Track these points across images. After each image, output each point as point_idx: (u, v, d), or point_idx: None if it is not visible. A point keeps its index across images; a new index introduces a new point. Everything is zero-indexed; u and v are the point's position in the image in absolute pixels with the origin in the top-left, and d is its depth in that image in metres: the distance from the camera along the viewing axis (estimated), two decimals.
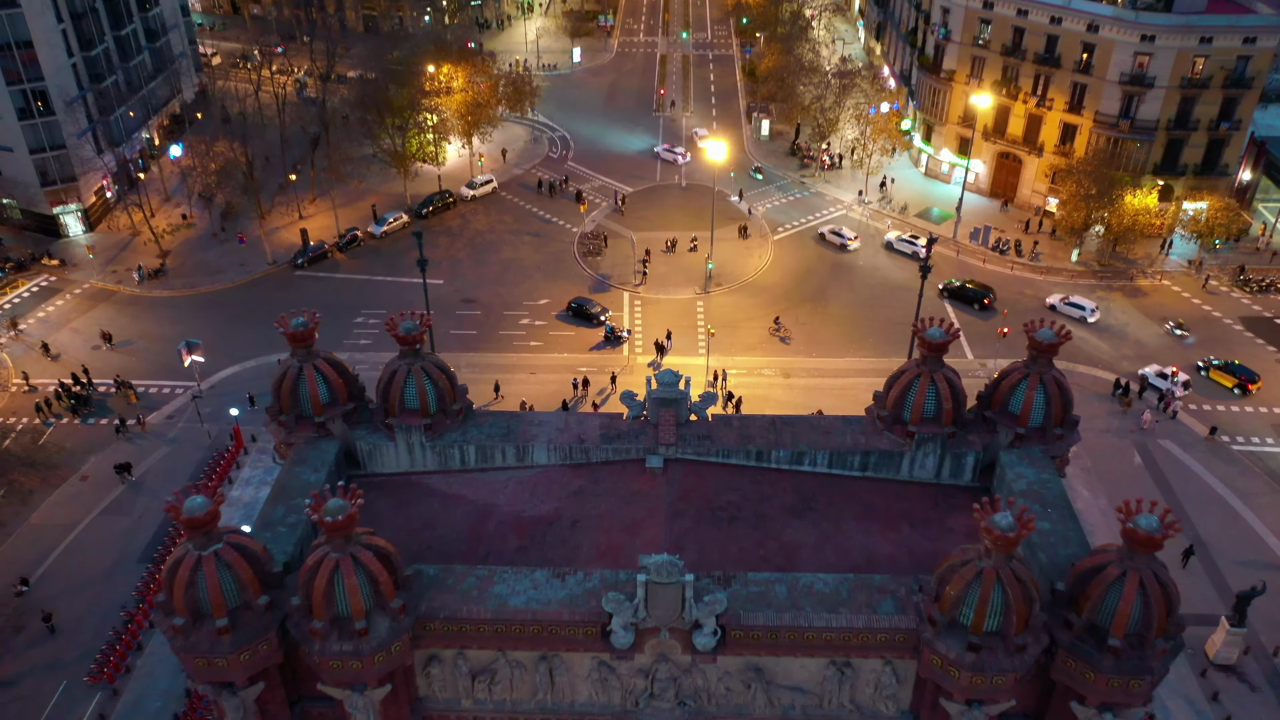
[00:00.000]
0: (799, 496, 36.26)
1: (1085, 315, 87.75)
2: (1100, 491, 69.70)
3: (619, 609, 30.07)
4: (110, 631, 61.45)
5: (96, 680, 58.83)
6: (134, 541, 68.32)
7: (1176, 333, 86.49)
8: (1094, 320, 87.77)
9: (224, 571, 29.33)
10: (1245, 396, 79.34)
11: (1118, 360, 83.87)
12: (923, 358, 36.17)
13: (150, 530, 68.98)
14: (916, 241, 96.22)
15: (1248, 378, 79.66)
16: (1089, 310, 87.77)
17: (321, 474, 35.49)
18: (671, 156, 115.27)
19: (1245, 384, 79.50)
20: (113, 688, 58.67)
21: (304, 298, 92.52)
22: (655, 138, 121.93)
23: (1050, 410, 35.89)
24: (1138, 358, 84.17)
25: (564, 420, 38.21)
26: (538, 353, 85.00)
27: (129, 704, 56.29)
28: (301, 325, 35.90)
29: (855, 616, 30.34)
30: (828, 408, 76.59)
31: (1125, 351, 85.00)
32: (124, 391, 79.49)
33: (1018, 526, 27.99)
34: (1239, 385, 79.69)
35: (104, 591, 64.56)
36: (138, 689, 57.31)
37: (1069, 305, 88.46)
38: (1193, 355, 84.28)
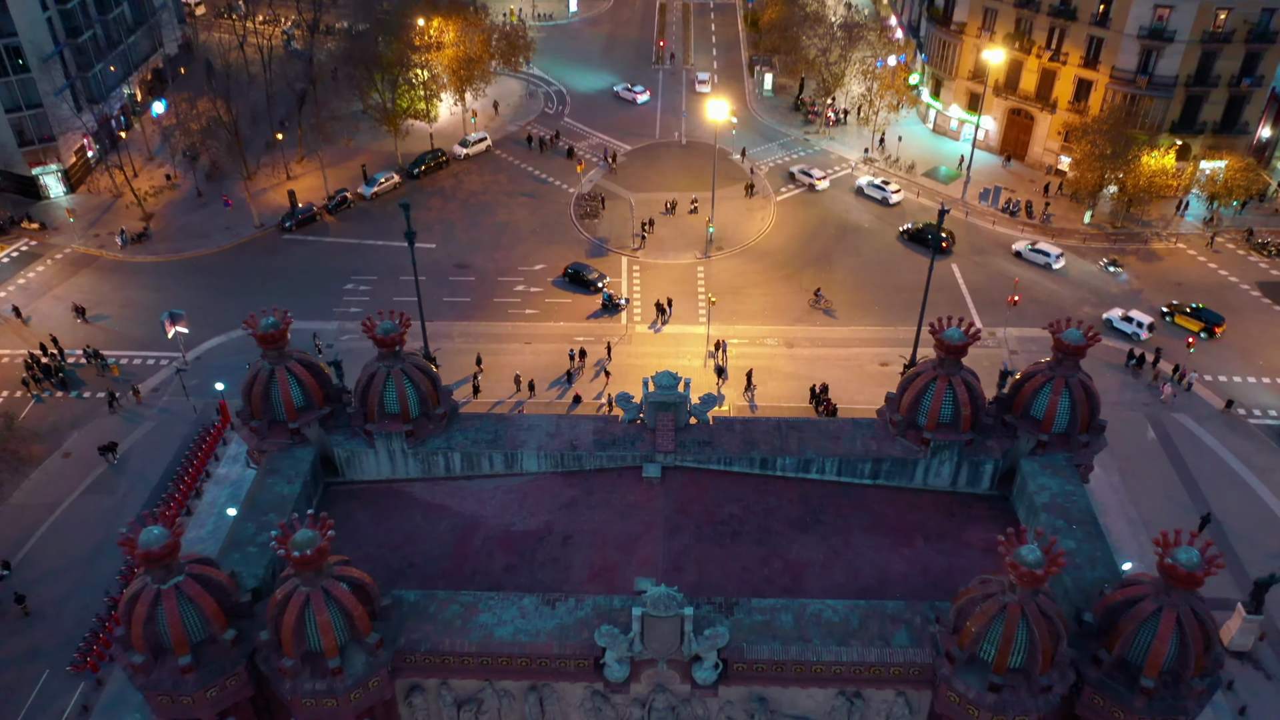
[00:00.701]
0: (806, 508, 34.00)
1: (1050, 262, 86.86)
2: (1113, 468, 67.66)
3: (613, 643, 27.96)
4: (94, 618, 59.65)
5: (79, 669, 57.13)
6: (118, 521, 66.03)
7: (1110, 270, 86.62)
8: (1058, 267, 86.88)
9: (186, 606, 27.16)
10: (1211, 339, 78.66)
11: (1077, 305, 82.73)
12: (940, 359, 33.66)
13: (134, 510, 66.75)
14: (887, 188, 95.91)
15: (1213, 321, 78.90)
16: (1054, 257, 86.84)
17: (296, 485, 33.21)
18: (630, 95, 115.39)
19: (1211, 328, 78.76)
20: (96, 677, 57.00)
21: (292, 263, 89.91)
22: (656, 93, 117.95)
23: (1076, 416, 33.49)
24: (1098, 303, 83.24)
25: (555, 424, 35.81)
26: (533, 321, 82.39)
27: (113, 694, 54.55)
28: (272, 326, 33.38)
29: (867, 650, 28.24)
30: (832, 379, 74.46)
31: (1085, 295, 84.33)
32: (94, 363, 76.87)
33: (1046, 563, 25.71)
34: (1205, 329, 78.98)
35: (87, 575, 62.66)
36: (122, 678, 55.50)
37: (1034, 252, 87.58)
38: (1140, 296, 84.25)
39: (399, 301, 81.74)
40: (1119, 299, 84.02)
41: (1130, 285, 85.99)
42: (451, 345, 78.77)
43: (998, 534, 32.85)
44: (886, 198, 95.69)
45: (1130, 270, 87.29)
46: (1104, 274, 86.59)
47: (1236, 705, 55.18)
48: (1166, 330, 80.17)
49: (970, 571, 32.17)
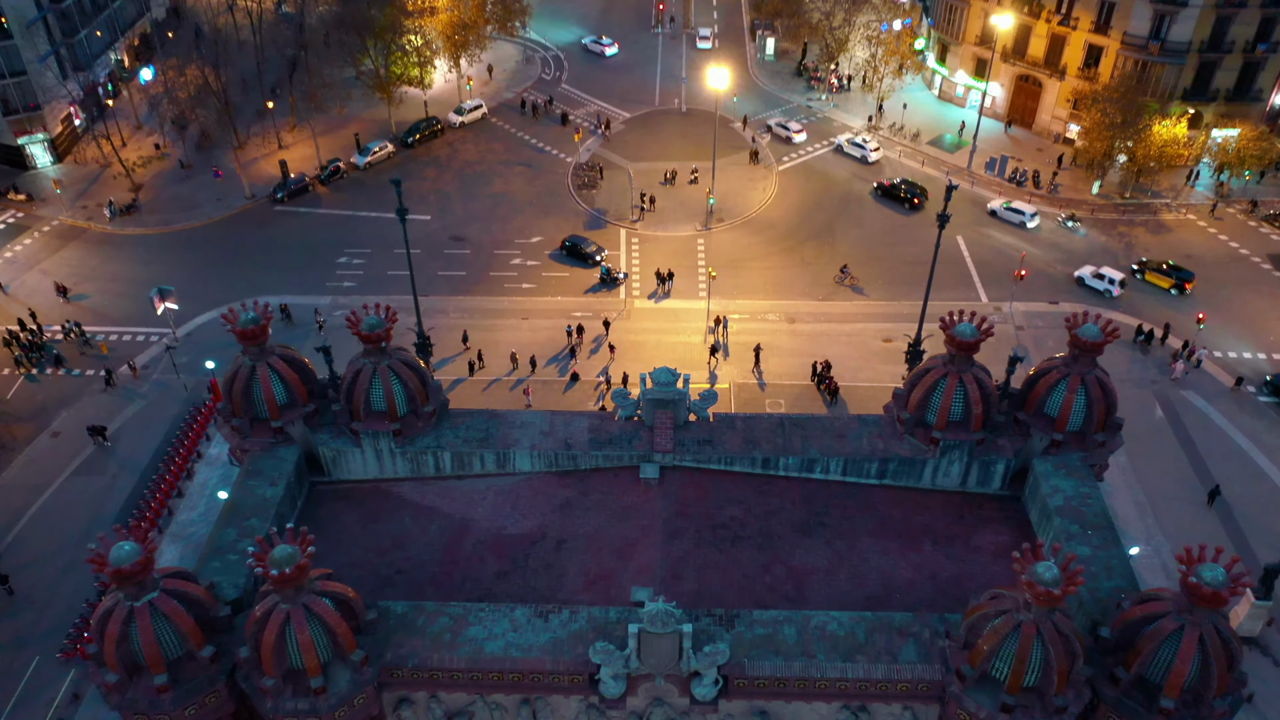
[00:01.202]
0: (809, 510, 32.70)
1: (1024, 220, 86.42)
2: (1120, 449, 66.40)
3: (608, 660, 26.78)
4: (84, 604, 58.64)
5: (70, 656, 56.21)
6: (108, 503, 65.14)
7: (1068, 225, 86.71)
8: (1032, 226, 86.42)
9: (160, 623, 25.96)
10: (1182, 296, 78.46)
11: (1051, 265, 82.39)
12: (950, 356, 32.20)
13: (125, 491, 65.78)
14: (866, 145, 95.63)
15: (1183, 278, 78.81)
16: (1028, 216, 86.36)
17: (279, 488, 31.90)
18: (598, 49, 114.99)
19: (1182, 284, 78.68)
20: (87, 664, 55.99)
21: (284, 235, 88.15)
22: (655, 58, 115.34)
23: (1092, 414, 32.10)
24: (1069, 261, 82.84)
25: (549, 422, 34.40)
26: (530, 296, 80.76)
27: None
28: (252, 322, 31.91)
29: (873, 666, 27.07)
30: (835, 355, 73.04)
31: (1056, 256, 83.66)
32: (73, 338, 75.31)
33: (1063, 581, 24.43)
34: (1176, 286, 78.92)
35: (77, 558, 61.39)
36: None
37: (1009, 211, 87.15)
38: (1105, 253, 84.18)
39: (393, 275, 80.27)
40: (1089, 256, 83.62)
41: (1092, 240, 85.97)
42: (446, 321, 77.25)
43: (1008, 537, 31.81)
44: (865, 155, 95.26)
45: (1139, 243, 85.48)
46: (1076, 234, 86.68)
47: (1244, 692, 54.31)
48: (1137, 287, 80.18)
49: (980, 578, 31.00)
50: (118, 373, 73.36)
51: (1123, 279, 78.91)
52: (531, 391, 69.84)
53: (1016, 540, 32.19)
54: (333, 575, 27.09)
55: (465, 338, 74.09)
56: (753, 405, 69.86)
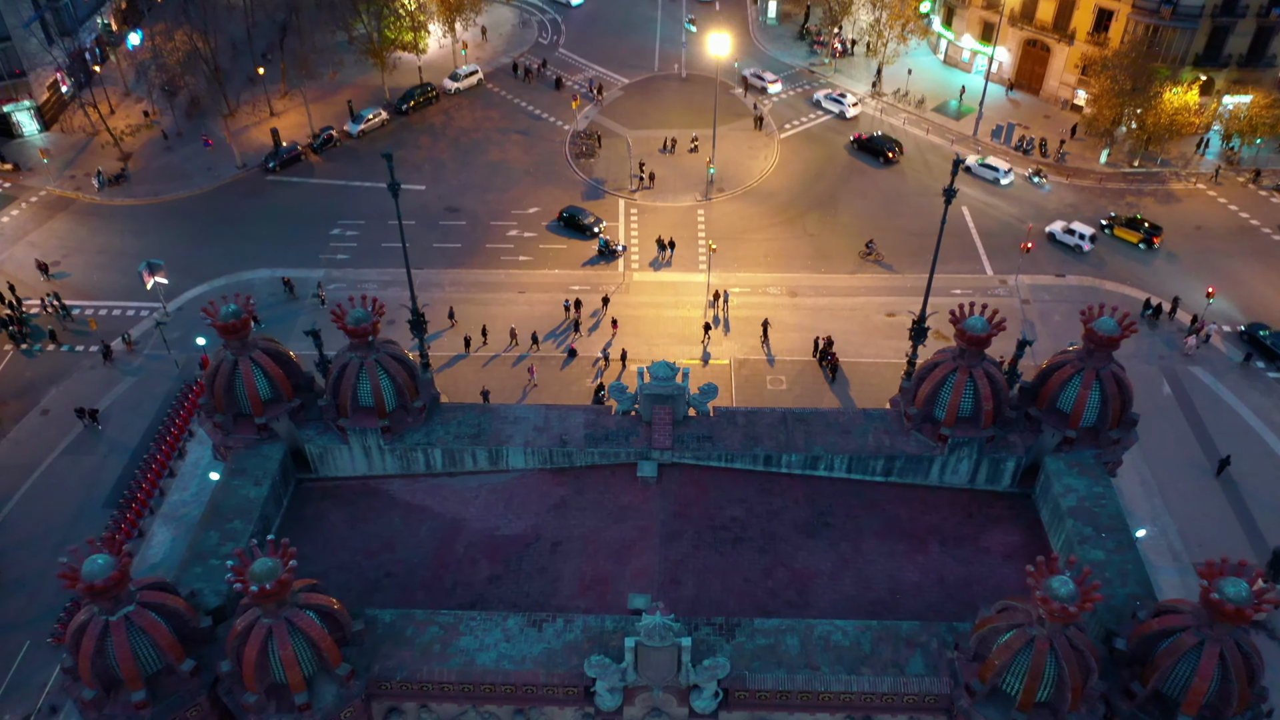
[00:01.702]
0: (813, 509, 31.59)
1: (998, 177, 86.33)
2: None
3: (604, 673, 25.79)
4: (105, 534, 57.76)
5: (61, 641, 55.43)
6: (99, 483, 64.23)
7: (1034, 181, 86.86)
8: (1006, 183, 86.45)
9: (137, 638, 24.90)
10: (1151, 251, 79.18)
11: (1020, 222, 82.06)
12: (960, 350, 30.92)
13: (116, 470, 64.82)
14: (844, 100, 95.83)
15: (1152, 232, 79.42)
16: (1001, 173, 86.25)
17: (264, 487, 30.78)
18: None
19: (1150, 239, 79.30)
20: None
21: (276, 206, 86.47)
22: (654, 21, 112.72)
23: (1106, 411, 30.90)
24: (1039, 218, 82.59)
25: (544, 417, 33.17)
26: (527, 269, 79.24)
27: None
28: (233, 315, 30.60)
29: (879, 679, 26.07)
30: (837, 330, 71.75)
31: (1028, 213, 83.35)
32: (52, 311, 73.90)
33: (1080, 597, 23.34)
34: (1144, 240, 79.55)
35: (68, 540, 60.37)
36: None
37: (984, 167, 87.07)
38: (1073, 209, 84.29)
39: (387, 248, 78.84)
40: (1060, 212, 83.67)
41: (1059, 196, 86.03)
42: (442, 295, 75.88)
43: (1019, 537, 30.74)
44: (844, 110, 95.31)
45: (1147, 214, 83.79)
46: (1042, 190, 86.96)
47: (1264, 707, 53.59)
48: (1106, 242, 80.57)
49: (989, 581, 29.99)
50: (113, 346, 72.05)
51: (1093, 234, 79.23)
52: (536, 370, 68.51)
53: (1027, 541, 31.21)
54: (318, 585, 25.99)
55: (451, 314, 72.55)
56: (753, 383, 68.73)
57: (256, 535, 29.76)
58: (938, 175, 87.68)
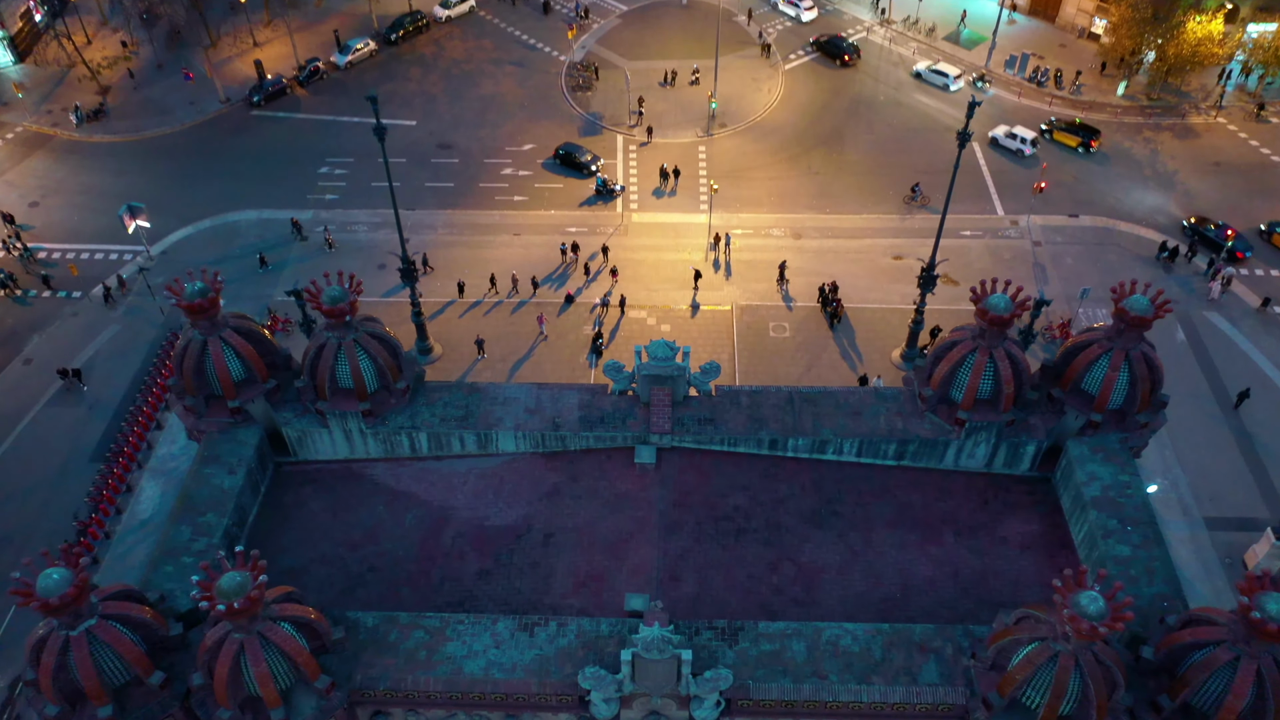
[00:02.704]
0: (820, 497, 29.87)
1: (947, 83, 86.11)
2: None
3: (599, 684, 24.31)
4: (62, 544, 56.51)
5: None
6: (84, 436, 62.58)
7: (978, 86, 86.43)
8: (955, 89, 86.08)
9: (101, 652, 23.36)
10: (1090, 155, 79.07)
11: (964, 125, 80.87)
12: (980, 330, 28.86)
13: (102, 423, 63.13)
14: (800, 4, 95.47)
15: (1089, 136, 79.45)
16: (950, 79, 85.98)
17: (239, 476, 29.02)
18: None
19: (1088, 143, 79.27)
20: None
21: (261, 143, 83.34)
22: None
23: (1135, 394, 28.98)
24: (990, 120, 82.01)
25: (535, 397, 31.22)
26: (522, 209, 76.56)
27: None
28: (199, 294, 28.47)
29: (890, 688, 24.60)
30: (842, 274, 69.46)
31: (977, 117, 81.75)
32: (14, 253, 71.32)
33: (1110, 616, 21.69)
34: (1082, 144, 79.45)
35: (54, 496, 59.31)
36: None
37: (933, 73, 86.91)
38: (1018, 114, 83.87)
39: (378, 187, 75.87)
40: (1002, 117, 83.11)
41: (1004, 100, 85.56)
42: (435, 237, 73.42)
43: (1037, 525, 29.09)
44: (799, 15, 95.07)
45: (1165, 150, 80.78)
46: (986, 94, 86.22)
47: None
48: (1047, 147, 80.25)
49: (1006, 575, 28.40)
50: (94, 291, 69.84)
51: (1034, 138, 79.05)
52: (546, 320, 66.19)
53: (1046, 530, 29.57)
54: (293, 594, 24.36)
55: (425, 261, 69.77)
56: (755, 330, 66.69)
57: (232, 529, 28.13)
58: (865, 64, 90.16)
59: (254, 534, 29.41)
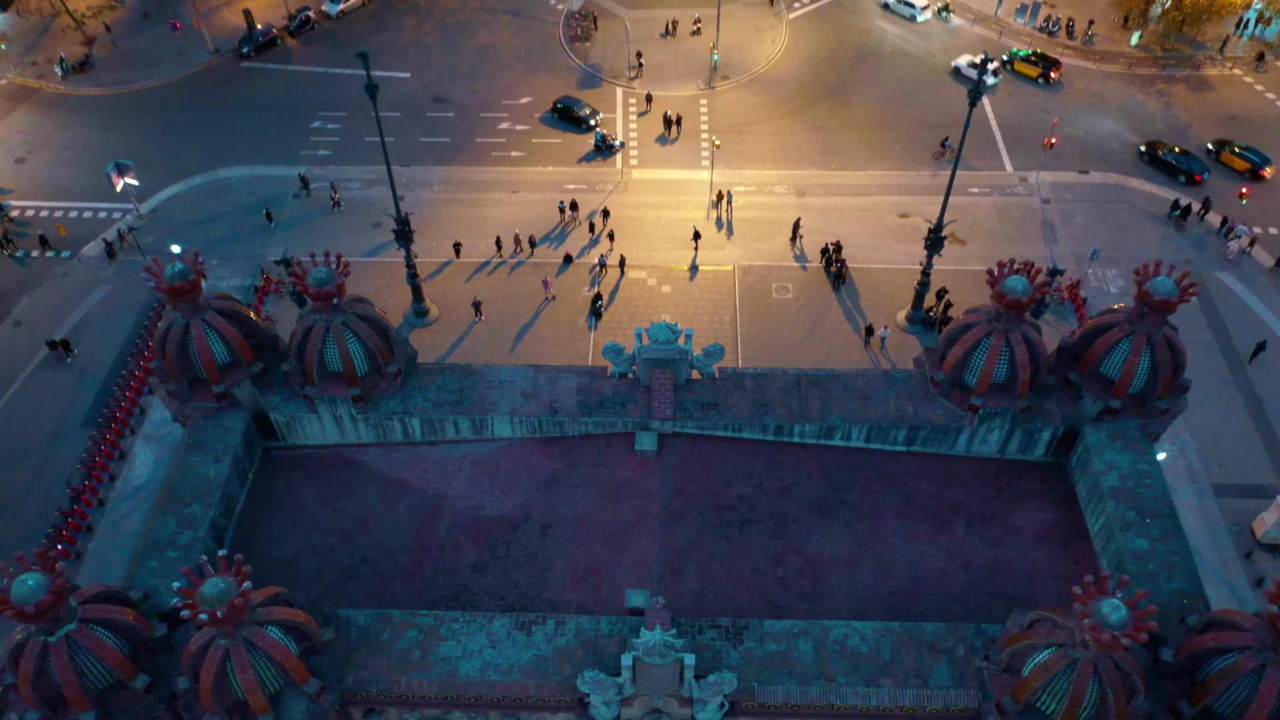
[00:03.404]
0: (828, 485, 28.86)
1: (915, 14, 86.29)
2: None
3: (598, 688, 23.48)
4: (55, 511, 55.89)
5: None
6: (76, 401, 61.53)
7: (942, 16, 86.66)
8: (922, 20, 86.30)
9: (81, 658, 22.48)
10: (1050, 86, 79.05)
11: (930, 55, 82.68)
12: (996, 313, 27.63)
13: (94, 387, 62.05)
14: None
15: (1049, 66, 79.44)
16: (919, 10, 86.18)
17: (225, 464, 27.97)
18: None
19: (1047, 73, 79.31)
20: None
21: (252, 96, 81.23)
22: None
23: (1156, 379, 27.82)
24: (953, 50, 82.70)
25: (532, 381, 30.06)
26: (519, 165, 74.75)
27: None
28: (179, 276, 27.19)
29: (900, 691, 23.79)
30: (846, 233, 67.96)
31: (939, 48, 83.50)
32: None
33: (1132, 622, 20.77)
34: (1042, 75, 79.45)
35: (46, 462, 58.48)
36: (91, 577, 52.56)
37: (901, 4, 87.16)
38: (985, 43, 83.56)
39: (372, 143, 73.90)
40: (967, 47, 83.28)
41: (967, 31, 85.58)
42: (431, 195, 71.79)
43: (1051, 514, 28.12)
44: None
45: (1179, 103, 78.72)
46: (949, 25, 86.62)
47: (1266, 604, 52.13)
48: (1007, 76, 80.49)
49: (1020, 567, 27.49)
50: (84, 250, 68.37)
51: (997, 68, 79.50)
52: (552, 283, 64.72)
53: (1060, 519, 28.61)
54: (280, 595, 23.42)
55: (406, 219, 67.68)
56: (758, 291, 65.34)
57: (219, 520, 27.15)
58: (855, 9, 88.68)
59: (242, 524, 28.47)
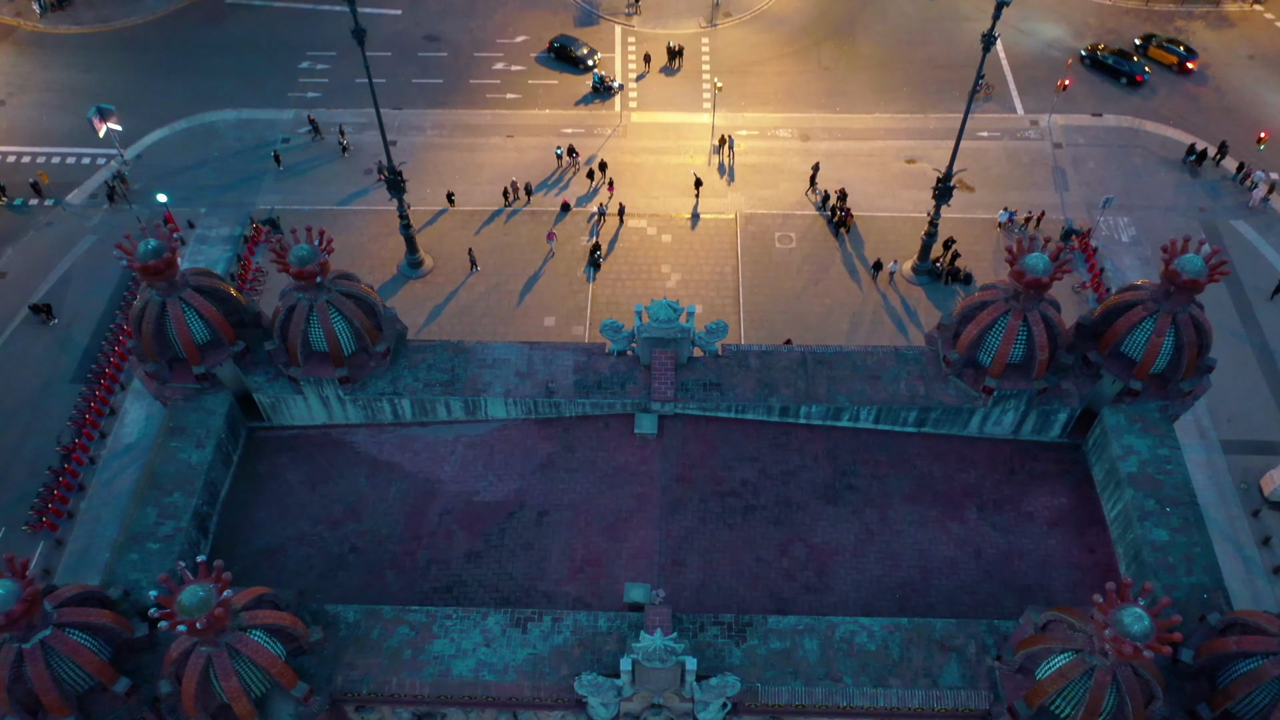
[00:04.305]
0: (834, 469, 27.76)
1: None
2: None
3: (596, 691, 22.66)
4: (46, 470, 55.00)
5: (37, 529, 53.07)
6: (64, 356, 60.22)
7: None
8: None
9: (59, 663, 21.58)
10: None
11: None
12: (1015, 291, 26.25)
13: (82, 341, 60.69)
14: None
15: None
16: None
17: (207, 449, 26.85)
18: None
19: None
20: (55, 536, 53.09)
21: (238, 35, 78.53)
22: None
23: (1180, 360, 26.58)
24: None
25: (526, 359, 28.77)
26: (515, 108, 72.43)
27: (74, 554, 51.23)
28: (153, 254, 25.75)
29: (909, 691, 22.97)
30: (852, 179, 66.07)
31: None
32: None
33: (1154, 633, 19.81)
34: None
35: (36, 420, 57.37)
36: (83, 537, 52.09)
37: None
38: None
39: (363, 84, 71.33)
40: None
41: None
42: (424, 139, 69.68)
43: (1066, 498, 27.11)
44: None
45: (1196, 40, 76.10)
46: None
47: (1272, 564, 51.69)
48: None
49: (1033, 555, 26.54)
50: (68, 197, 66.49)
51: None
52: (556, 236, 62.94)
53: (1075, 504, 27.58)
54: (265, 596, 22.45)
55: (380, 168, 65.17)
56: (760, 240, 63.70)
57: (202, 508, 26.12)
58: None
59: (227, 510, 27.46)
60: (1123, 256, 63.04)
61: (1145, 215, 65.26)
